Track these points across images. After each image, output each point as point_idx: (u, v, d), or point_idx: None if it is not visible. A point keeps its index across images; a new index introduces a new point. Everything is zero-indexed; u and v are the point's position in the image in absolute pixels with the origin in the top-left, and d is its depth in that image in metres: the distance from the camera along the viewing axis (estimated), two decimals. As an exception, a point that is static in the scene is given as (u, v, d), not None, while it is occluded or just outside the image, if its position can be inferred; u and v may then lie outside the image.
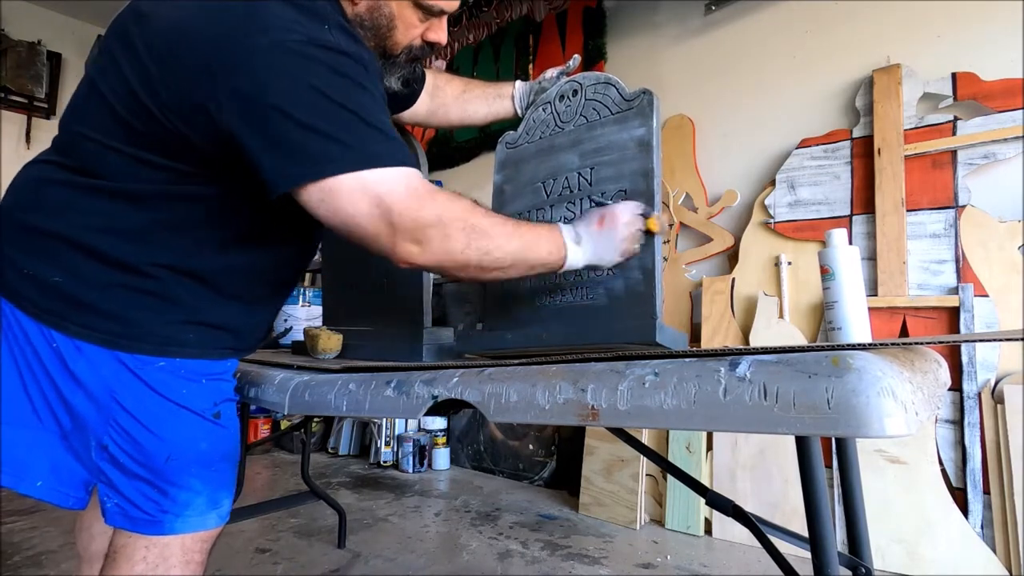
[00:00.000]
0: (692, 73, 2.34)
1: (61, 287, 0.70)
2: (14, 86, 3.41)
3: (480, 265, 0.72)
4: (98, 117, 0.70)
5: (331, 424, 3.22)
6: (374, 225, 0.66)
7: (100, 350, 0.71)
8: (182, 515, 0.74)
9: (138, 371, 0.72)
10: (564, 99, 0.98)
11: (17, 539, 1.83)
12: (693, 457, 1.95)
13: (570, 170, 0.95)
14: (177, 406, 0.74)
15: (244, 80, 0.62)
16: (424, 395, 0.71)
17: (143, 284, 0.72)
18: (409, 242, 0.67)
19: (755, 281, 2.01)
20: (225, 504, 0.80)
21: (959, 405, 1.61)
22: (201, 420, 0.76)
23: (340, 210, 0.65)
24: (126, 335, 0.72)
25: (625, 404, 0.55)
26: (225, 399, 0.81)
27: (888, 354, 0.51)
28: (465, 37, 2.81)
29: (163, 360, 0.73)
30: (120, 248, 0.71)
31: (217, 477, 0.78)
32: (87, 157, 0.71)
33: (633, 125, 0.88)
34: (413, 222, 0.66)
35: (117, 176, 0.70)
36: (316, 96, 0.63)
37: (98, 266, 0.70)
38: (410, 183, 0.67)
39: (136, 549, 0.72)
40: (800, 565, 0.71)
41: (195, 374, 0.76)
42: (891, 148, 1.77)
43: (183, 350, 0.75)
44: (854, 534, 0.91)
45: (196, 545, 0.76)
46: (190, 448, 0.75)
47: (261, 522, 2.01)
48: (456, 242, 0.69)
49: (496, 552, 1.79)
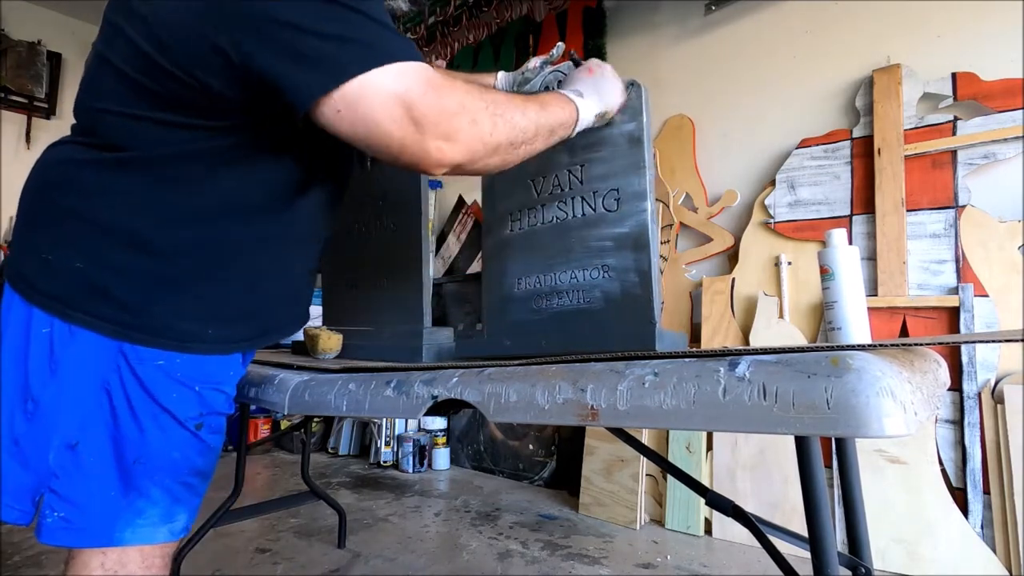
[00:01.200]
0: (692, 73, 2.34)
1: (81, 272, 0.68)
2: (14, 86, 3.41)
3: (511, 142, 0.70)
4: (114, 88, 0.68)
5: (331, 424, 3.22)
6: (399, 126, 0.62)
7: (101, 339, 0.68)
8: (132, 523, 0.71)
9: (136, 366, 0.70)
10: (549, 90, 0.96)
11: (17, 539, 1.83)
12: (693, 457, 1.95)
13: (560, 167, 0.92)
14: (161, 409, 0.72)
15: (252, 5, 0.60)
16: (424, 395, 0.71)
17: (169, 271, 0.70)
18: (439, 138, 0.63)
19: (755, 281, 2.01)
20: (180, 520, 0.76)
21: (959, 405, 1.61)
22: (180, 428, 0.74)
23: (362, 117, 0.62)
24: (139, 327, 0.69)
25: (625, 404, 0.55)
26: (213, 411, 0.78)
27: (887, 354, 0.51)
28: (465, 37, 2.81)
29: (162, 359, 0.71)
30: (150, 230, 0.68)
31: (179, 491, 0.75)
32: (111, 132, 0.69)
33: (622, 120, 0.85)
34: (438, 114, 0.63)
35: (144, 145, 0.68)
36: (325, 3, 0.61)
37: (124, 251, 0.68)
38: (427, 76, 0.64)
39: (93, 554, 0.70)
40: (800, 565, 0.71)
41: (190, 379, 0.74)
42: (891, 148, 1.77)
43: (203, 345, 0.73)
44: (854, 534, 0.91)
45: (156, 550, 0.73)
46: (160, 455, 0.72)
47: (261, 522, 2.01)
48: (484, 124, 0.66)
49: (496, 552, 1.79)
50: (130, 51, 0.66)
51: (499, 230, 1.00)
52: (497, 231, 1.01)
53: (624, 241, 0.84)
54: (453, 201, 3.22)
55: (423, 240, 1.11)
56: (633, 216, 0.83)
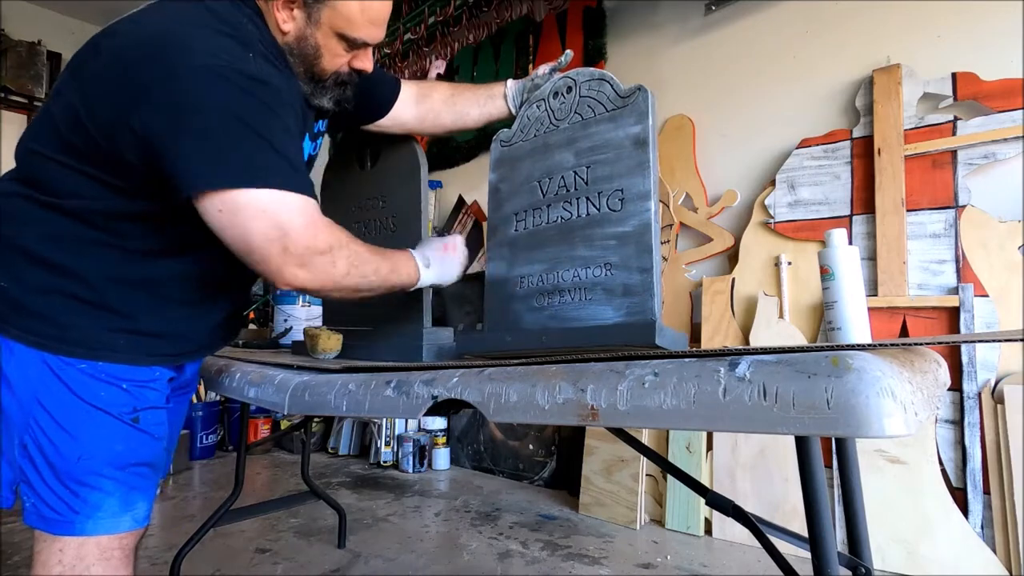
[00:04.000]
0: (692, 73, 2.34)
1: (6, 292, 0.75)
2: (14, 86, 3.41)
3: (356, 288, 0.81)
4: (47, 134, 0.76)
5: (331, 424, 3.22)
6: (268, 246, 0.71)
7: (29, 351, 0.75)
8: (93, 516, 0.76)
9: (60, 372, 0.76)
10: (558, 96, 0.97)
11: (17, 539, 1.83)
12: (693, 457, 1.95)
13: (566, 169, 0.93)
14: (93, 407, 0.77)
15: (169, 95, 0.67)
16: (424, 395, 0.71)
17: (81, 291, 0.76)
18: (296, 266, 0.73)
19: (755, 281, 2.01)
20: (140, 508, 0.82)
21: (959, 405, 1.61)
22: (117, 423, 0.79)
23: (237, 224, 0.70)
24: (57, 337, 0.76)
25: (625, 404, 0.55)
26: (149, 406, 0.83)
27: (888, 354, 0.51)
28: (465, 37, 2.81)
29: (85, 363, 0.77)
30: (63, 257, 0.75)
31: (132, 480, 0.80)
32: (38, 171, 0.76)
33: (628, 123, 0.86)
34: (306, 249, 0.72)
35: (62, 191, 0.75)
36: (233, 118, 0.69)
37: (41, 273, 0.75)
38: (308, 211, 0.73)
39: (51, 552, 0.75)
40: (800, 565, 0.71)
41: (116, 379, 0.79)
42: (891, 148, 1.77)
43: (114, 355, 0.79)
44: (854, 534, 0.91)
45: (114, 543, 0.78)
46: (103, 449, 0.78)
47: (261, 522, 2.01)
48: (340, 268, 0.77)
49: (496, 552, 1.79)
50: (66, 111, 0.74)
51: (504, 230, 1.01)
52: (502, 231, 1.01)
53: (627, 239, 0.84)
54: (453, 201, 3.22)
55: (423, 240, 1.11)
56: (637, 216, 0.84)
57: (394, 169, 1.18)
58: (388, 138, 1.17)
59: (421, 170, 1.13)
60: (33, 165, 0.77)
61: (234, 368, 1.07)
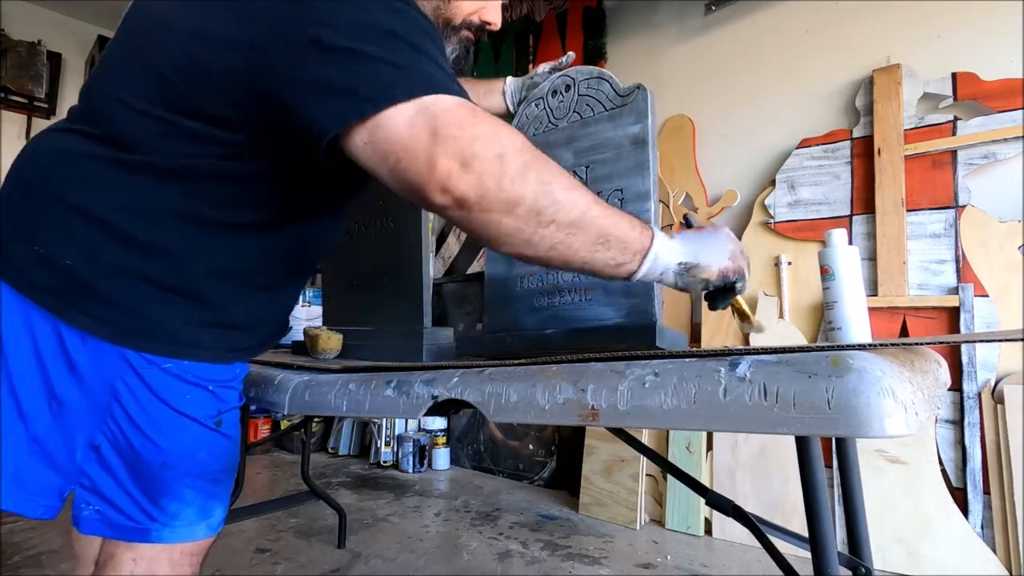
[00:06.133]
0: (692, 73, 2.34)
1: (73, 270, 0.64)
2: (14, 86, 3.41)
3: (537, 208, 0.55)
4: (140, 80, 0.64)
5: (331, 424, 3.22)
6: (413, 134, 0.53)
7: (105, 344, 0.66)
8: (170, 524, 0.71)
9: (142, 371, 0.68)
10: (557, 94, 0.96)
11: (17, 539, 1.83)
12: (693, 457, 1.95)
13: (566, 168, 0.94)
14: (178, 413, 0.70)
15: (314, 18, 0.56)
16: (424, 395, 0.71)
17: (167, 278, 0.67)
18: (451, 157, 0.52)
19: (755, 281, 2.01)
20: (217, 514, 0.77)
21: (959, 405, 1.61)
22: (202, 428, 0.73)
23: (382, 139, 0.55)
24: (138, 331, 0.67)
25: (625, 404, 0.55)
26: (230, 407, 0.77)
27: (888, 354, 0.51)
28: (465, 37, 2.81)
29: (171, 362, 0.69)
30: (149, 231, 0.65)
31: (211, 488, 0.75)
32: (121, 126, 0.65)
33: (628, 122, 0.86)
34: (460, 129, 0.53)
35: (155, 150, 0.64)
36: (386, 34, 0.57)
37: (120, 251, 0.64)
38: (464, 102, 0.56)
39: (123, 561, 0.70)
40: (800, 565, 0.71)
41: (202, 380, 0.72)
42: (891, 148, 1.77)
43: (198, 352, 0.71)
44: (854, 534, 0.91)
45: (185, 558, 0.73)
46: (187, 457, 0.71)
47: (261, 522, 2.01)
48: (512, 167, 0.54)
49: (496, 552, 1.79)
50: (175, 48, 0.62)
51: None
52: None
53: None
54: (453, 201, 3.22)
55: (423, 240, 1.11)
56: (637, 216, 0.83)
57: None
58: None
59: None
60: (115, 118, 0.65)
61: (234, 368, 1.06)
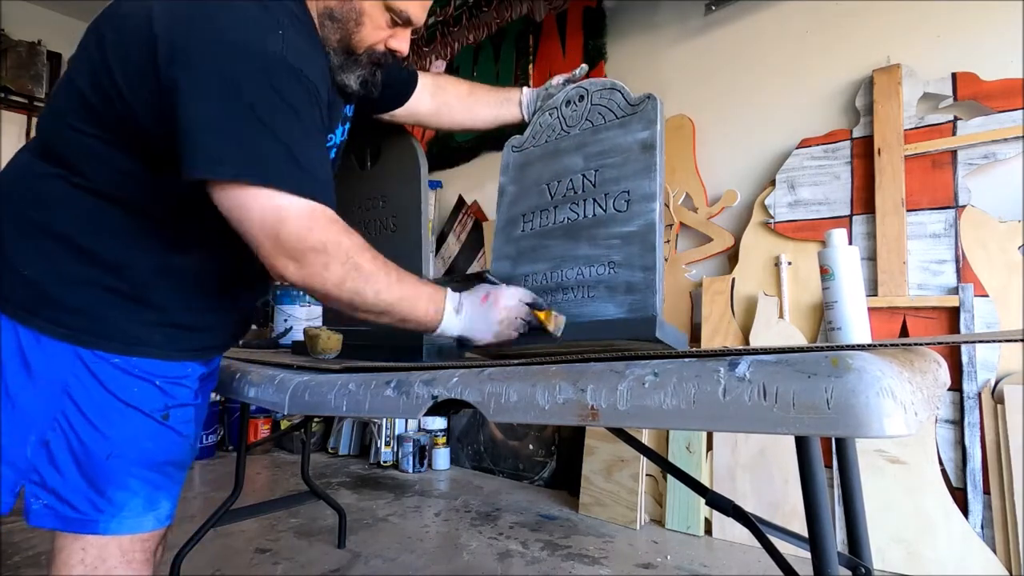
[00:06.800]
0: (692, 73, 2.34)
1: (36, 284, 0.71)
2: (14, 86, 3.41)
3: (351, 304, 0.74)
4: (70, 104, 0.72)
5: (331, 424, 3.22)
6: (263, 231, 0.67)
7: (60, 344, 0.72)
8: (117, 516, 0.75)
9: (93, 367, 0.73)
10: (571, 104, 0.99)
11: (17, 539, 1.83)
12: (693, 457, 1.95)
13: (574, 172, 0.95)
14: (125, 404, 0.75)
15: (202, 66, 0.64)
16: (424, 395, 0.71)
17: (119, 284, 0.74)
18: (288, 259, 0.68)
19: (755, 281, 2.01)
20: (164, 507, 0.80)
21: (959, 405, 1.61)
22: (148, 420, 0.77)
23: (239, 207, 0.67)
24: (91, 331, 0.73)
25: (625, 404, 0.55)
26: (179, 403, 0.81)
27: (888, 354, 0.51)
28: (465, 37, 2.81)
29: (119, 358, 0.75)
30: (106, 247, 0.72)
31: (159, 479, 0.79)
32: (66, 147, 0.72)
33: (637, 128, 0.89)
34: (298, 241, 0.68)
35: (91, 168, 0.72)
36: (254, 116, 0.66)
37: (77, 262, 0.72)
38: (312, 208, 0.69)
39: (73, 551, 0.73)
40: (800, 565, 0.71)
41: (150, 375, 0.77)
42: (891, 148, 1.77)
43: (149, 350, 0.77)
44: (854, 534, 0.91)
45: (136, 545, 0.77)
46: (132, 446, 0.76)
47: (261, 522, 2.01)
48: (332, 275, 0.70)
49: (496, 552, 1.79)
50: (89, 74, 0.70)
51: (511, 230, 1.02)
52: (509, 231, 1.03)
53: (631, 239, 0.86)
54: (453, 201, 3.22)
55: (423, 240, 1.12)
56: (642, 216, 0.85)
57: (394, 169, 1.18)
58: (388, 138, 1.17)
59: (421, 170, 1.13)
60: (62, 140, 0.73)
61: (234, 368, 1.07)
